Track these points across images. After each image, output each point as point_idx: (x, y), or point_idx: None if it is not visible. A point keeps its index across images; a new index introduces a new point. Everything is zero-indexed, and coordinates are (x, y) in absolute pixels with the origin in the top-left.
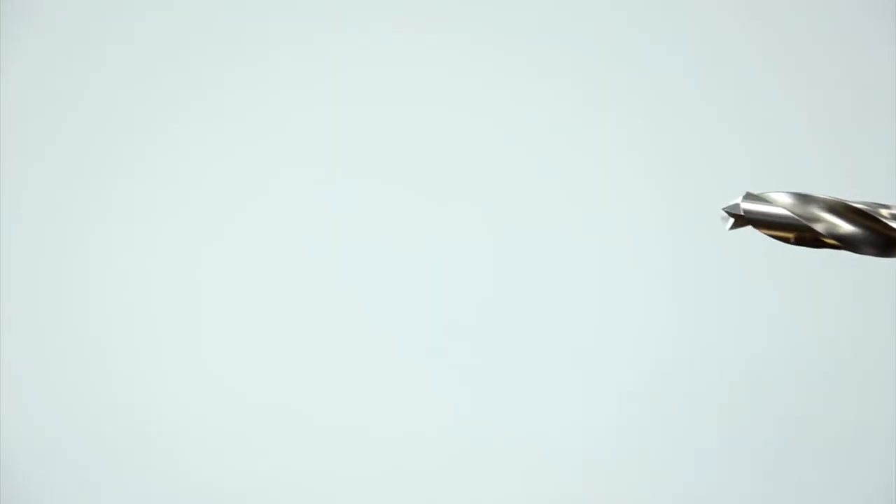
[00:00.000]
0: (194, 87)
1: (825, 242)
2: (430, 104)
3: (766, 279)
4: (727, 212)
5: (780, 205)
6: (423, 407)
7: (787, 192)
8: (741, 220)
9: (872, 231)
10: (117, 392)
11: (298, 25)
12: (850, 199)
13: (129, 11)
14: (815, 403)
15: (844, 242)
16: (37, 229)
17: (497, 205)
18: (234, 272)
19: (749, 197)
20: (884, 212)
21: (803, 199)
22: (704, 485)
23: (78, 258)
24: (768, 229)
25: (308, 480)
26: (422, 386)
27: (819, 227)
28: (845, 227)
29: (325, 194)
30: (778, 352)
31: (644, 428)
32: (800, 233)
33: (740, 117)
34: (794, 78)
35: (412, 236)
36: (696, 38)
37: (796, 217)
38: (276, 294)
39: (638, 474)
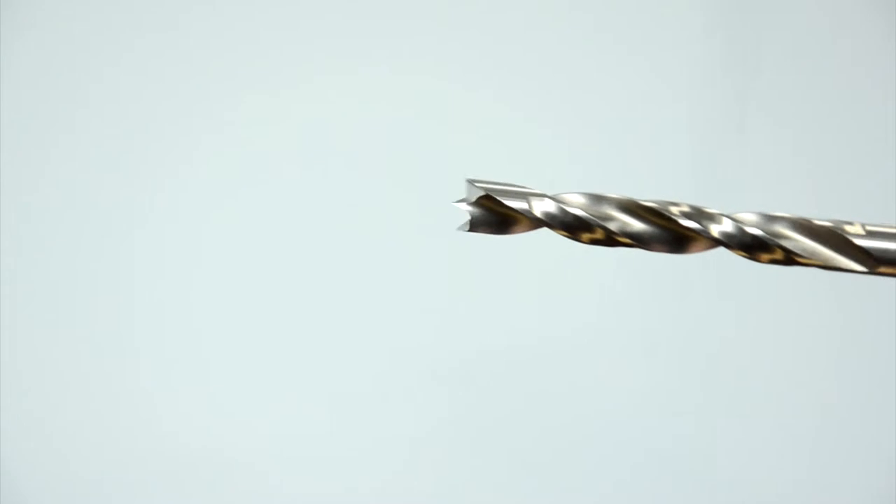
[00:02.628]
0: (194, 88)
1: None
2: None
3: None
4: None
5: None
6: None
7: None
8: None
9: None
10: (117, 392)
11: (297, 26)
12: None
13: (129, 11)
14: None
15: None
16: (37, 230)
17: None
18: (232, 271)
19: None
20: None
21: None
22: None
23: (77, 258)
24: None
25: (307, 478)
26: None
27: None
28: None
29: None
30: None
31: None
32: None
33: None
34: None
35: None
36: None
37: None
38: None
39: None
